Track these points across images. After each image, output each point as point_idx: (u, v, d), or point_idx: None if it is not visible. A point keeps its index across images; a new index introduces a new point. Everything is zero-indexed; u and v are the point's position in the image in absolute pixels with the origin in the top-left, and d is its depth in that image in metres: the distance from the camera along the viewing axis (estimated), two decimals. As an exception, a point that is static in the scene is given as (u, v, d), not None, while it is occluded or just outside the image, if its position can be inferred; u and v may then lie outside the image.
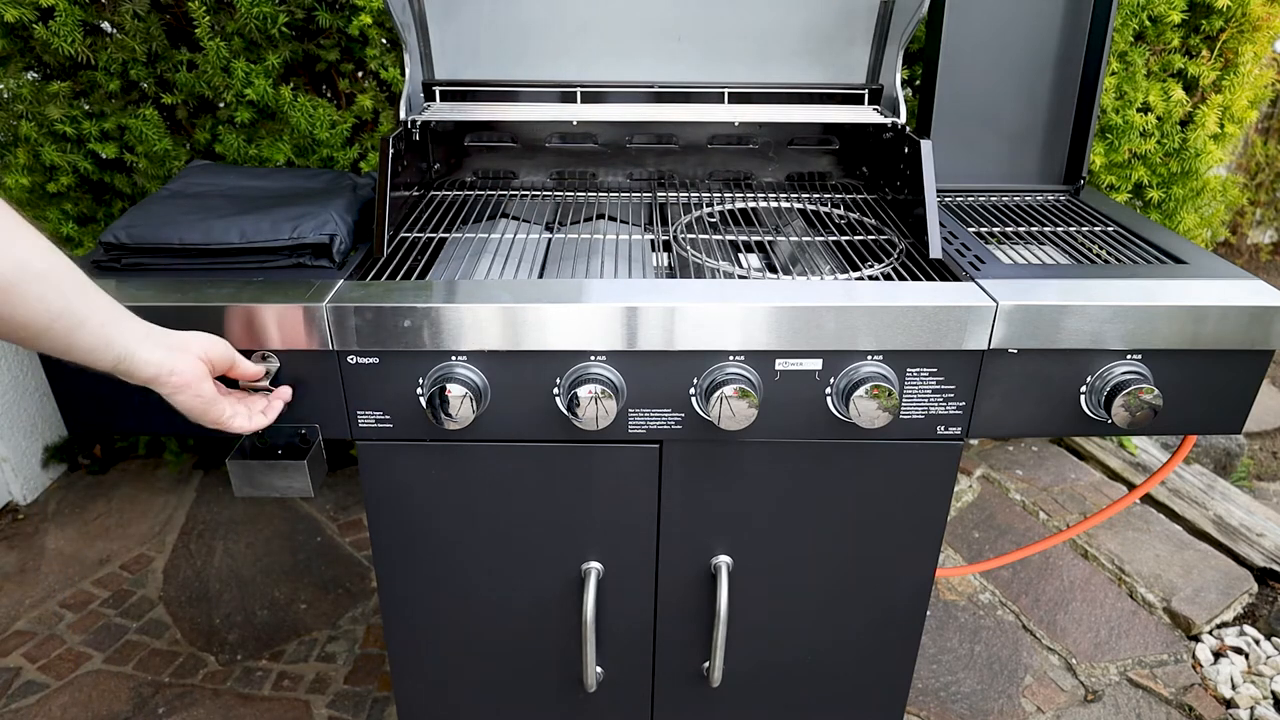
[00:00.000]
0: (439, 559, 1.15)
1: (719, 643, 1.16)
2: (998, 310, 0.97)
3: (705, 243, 1.22)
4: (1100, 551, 2.18)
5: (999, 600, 2.04)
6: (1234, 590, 2.04)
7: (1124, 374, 1.01)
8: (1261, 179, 3.72)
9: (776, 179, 1.51)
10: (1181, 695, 1.78)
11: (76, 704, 1.73)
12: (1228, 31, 1.92)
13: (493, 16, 1.37)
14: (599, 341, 0.97)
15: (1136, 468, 2.49)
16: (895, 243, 1.21)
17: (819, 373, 1.01)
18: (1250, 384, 1.04)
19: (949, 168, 1.41)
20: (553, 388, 1.01)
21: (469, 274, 1.11)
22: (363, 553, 2.17)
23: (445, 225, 1.27)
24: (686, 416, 1.03)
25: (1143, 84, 1.93)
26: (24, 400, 2.33)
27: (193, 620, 1.96)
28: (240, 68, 1.79)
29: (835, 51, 1.43)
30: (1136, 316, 0.98)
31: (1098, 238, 1.25)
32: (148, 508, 2.34)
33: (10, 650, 1.86)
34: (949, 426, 1.05)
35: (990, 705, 1.76)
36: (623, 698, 1.28)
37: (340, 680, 1.80)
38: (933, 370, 1.01)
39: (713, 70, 1.44)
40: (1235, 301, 0.99)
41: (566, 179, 1.49)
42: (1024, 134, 1.42)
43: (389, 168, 1.15)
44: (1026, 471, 2.51)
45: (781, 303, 0.96)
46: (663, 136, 1.46)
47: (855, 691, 1.30)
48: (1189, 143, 1.99)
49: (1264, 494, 2.58)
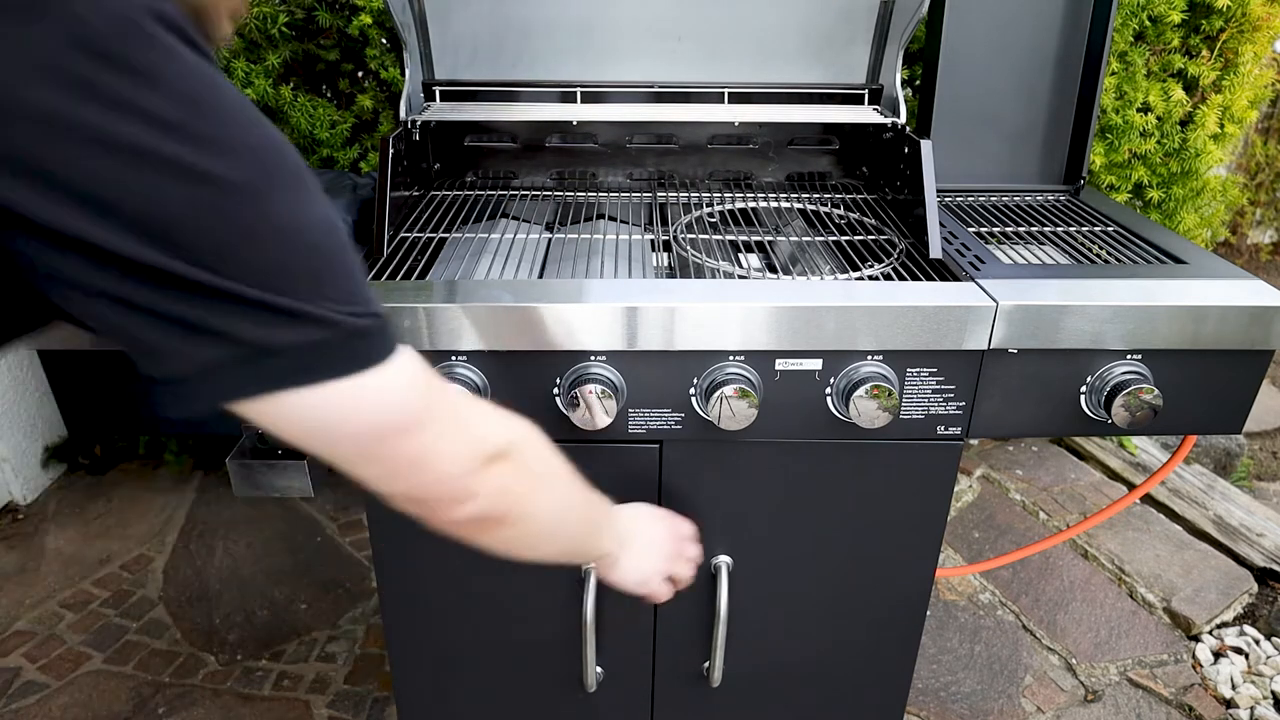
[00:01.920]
0: (439, 559, 1.15)
1: (719, 643, 1.16)
2: (998, 310, 0.97)
3: (705, 243, 1.22)
4: (1100, 551, 2.18)
5: (999, 600, 2.04)
6: (1234, 590, 2.04)
7: (1124, 374, 1.01)
8: (1261, 179, 3.72)
9: (776, 179, 1.51)
10: (1181, 695, 1.78)
11: (76, 704, 1.73)
12: (1228, 31, 1.92)
13: (492, 16, 1.37)
14: (599, 341, 0.97)
15: (1136, 468, 2.49)
16: (895, 243, 1.21)
17: (819, 373, 1.01)
18: (1250, 384, 1.04)
19: (949, 168, 1.41)
20: (552, 388, 1.01)
21: (469, 274, 1.11)
22: (363, 553, 2.17)
23: (445, 225, 1.27)
24: (686, 416, 1.03)
25: (1143, 84, 1.93)
26: (24, 400, 2.33)
27: (193, 620, 1.96)
28: (240, 67, 1.79)
29: (835, 51, 1.43)
30: (1136, 316, 0.98)
31: (1098, 238, 1.25)
32: (148, 508, 2.34)
33: (10, 650, 1.86)
34: (949, 426, 1.05)
35: (990, 705, 1.76)
36: (623, 698, 1.28)
37: (340, 680, 1.80)
38: (933, 370, 1.01)
39: (713, 70, 1.44)
40: (1235, 301, 0.99)
41: (566, 179, 1.49)
42: (1024, 134, 1.42)
43: (389, 168, 1.15)
44: (1026, 471, 2.51)
45: (781, 303, 0.96)
46: (663, 136, 1.46)
47: (855, 691, 1.30)
48: (1189, 143, 1.99)
49: (1264, 494, 2.58)
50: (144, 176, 0.50)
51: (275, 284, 0.55)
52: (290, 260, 0.56)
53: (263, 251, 0.55)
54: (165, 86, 0.51)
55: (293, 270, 0.56)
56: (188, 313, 0.53)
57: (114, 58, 0.49)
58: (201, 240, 0.52)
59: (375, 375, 0.60)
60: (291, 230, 0.56)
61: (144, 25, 0.51)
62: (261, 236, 0.54)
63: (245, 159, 0.54)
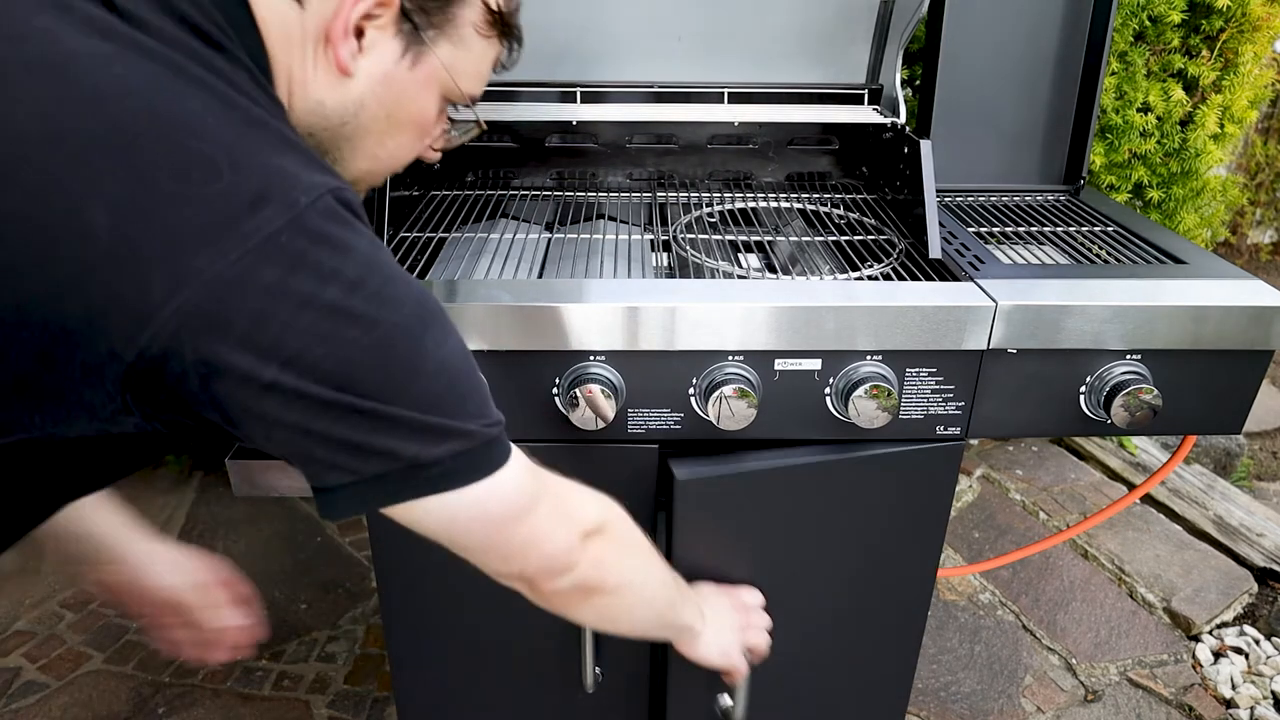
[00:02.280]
0: (439, 559, 1.15)
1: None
2: (997, 310, 0.97)
3: (705, 243, 1.22)
4: (1100, 551, 2.17)
5: (999, 600, 2.04)
6: (1234, 590, 2.04)
7: (1124, 374, 1.01)
8: (1261, 179, 3.72)
9: (776, 179, 1.51)
10: (1181, 695, 1.78)
11: (77, 704, 1.73)
12: (1228, 31, 1.92)
13: (492, 16, 1.37)
14: (599, 341, 0.97)
15: (1136, 468, 2.49)
16: (895, 243, 1.21)
17: (818, 373, 1.01)
18: (1250, 384, 1.04)
19: (949, 168, 1.41)
20: (552, 388, 1.01)
21: (469, 274, 1.11)
22: (363, 553, 2.17)
23: (445, 225, 1.27)
24: (686, 416, 1.03)
25: (1143, 84, 1.93)
26: (24, 400, 2.33)
27: (193, 620, 1.96)
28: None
29: (835, 51, 1.43)
30: (1136, 316, 0.98)
31: (1098, 238, 1.25)
32: (148, 508, 2.34)
33: (10, 650, 1.86)
34: (948, 426, 1.05)
35: (990, 705, 1.76)
36: (622, 698, 1.28)
37: (340, 680, 1.80)
38: (932, 370, 1.01)
39: (713, 70, 1.44)
40: (1235, 301, 0.99)
41: (566, 179, 1.49)
42: (1024, 134, 1.42)
43: (389, 168, 1.15)
44: (1026, 471, 2.51)
45: (781, 303, 0.96)
46: (663, 136, 1.46)
47: (856, 691, 1.30)
48: (1189, 143, 1.99)
49: (1264, 494, 2.58)
50: (337, 328, 0.58)
51: (430, 407, 0.63)
52: (440, 386, 0.65)
53: (420, 381, 0.63)
54: (354, 255, 0.60)
55: (443, 394, 0.65)
56: (356, 435, 0.61)
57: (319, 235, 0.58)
58: (374, 375, 0.60)
59: (501, 473, 0.69)
60: (440, 361, 0.65)
61: (337, 209, 0.60)
62: (420, 369, 0.63)
63: (407, 307, 0.62)
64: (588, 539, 0.78)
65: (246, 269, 0.55)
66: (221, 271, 0.54)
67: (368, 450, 0.62)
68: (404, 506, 0.67)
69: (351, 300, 0.59)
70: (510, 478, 0.70)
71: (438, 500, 0.67)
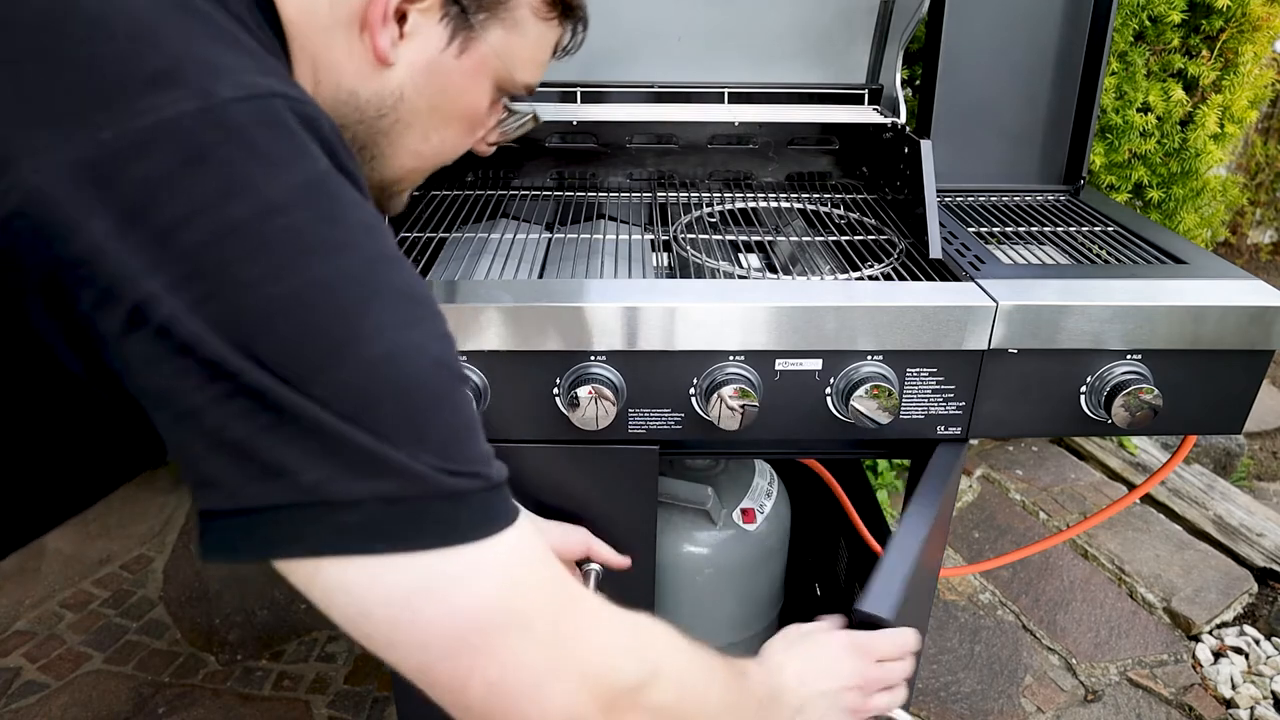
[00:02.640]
0: (439, 559, 1.15)
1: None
2: (997, 310, 0.97)
3: (705, 243, 1.22)
4: (1100, 551, 2.18)
5: (999, 600, 2.04)
6: (1234, 590, 2.04)
7: (1124, 374, 1.01)
8: (1261, 179, 3.72)
9: (776, 179, 1.51)
10: (1181, 695, 1.78)
11: (76, 704, 1.73)
12: (1228, 31, 1.92)
13: (493, 16, 1.37)
14: (599, 341, 0.97)
15: (1136, 468, 2.49)
16: (895, 243, 1.21)
17: (819, 373, 1.01)
18: (1250, 384, 1.04)
19: (949, 168, 1.41)
20: (552, 388, 1.00)
21: (469, 274, 1.11)
22: (363, 553, 2.17)
23: (445, 225, 1.27)
24: (686, 417, 1.03)
25: (1143, 84, 1.93)
26: (24, 400, 2.32)
27: (193, 620, 1.96)
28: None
29: (835, 51, 1.43)
30: (1136, 316, 0.98)
31: (1098, 238, 1.25)
32: (148, 508, 2.34)
33: (10, 650, 1.86)
34: (949, 427, 1.05)
35: (990, 705, 1.76)
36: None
37: (340, 680, 1.80)
38: (932, 370, 1.01)
39: (713, 70, 1.44)
40: (1235, 301, 0.99)
41: (566, 179, 1.49)
42: (1024, 134, 1.42)
43: (389, 168, 1.15)
44: (1026, 471, 2.51)
45: (781, 303, 0.96)
46: (663, 136, 1.46)
47: (855, 691, 1.30)
48: (1189, 143, 1.99)
49: (1264, 494, 2.58)
50: (235, 258, 0.43)
51: (356, 412, 0.44)
52: (380, 387, 0.45)
53: (347, 367, 0.44)
54: (286, 173, 0.46)
55: (382, 400, 0.45)
56: (239, 430, 0.43)
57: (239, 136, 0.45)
58: (277, 339, 0.43)
59: (465, 554, 0.46)
60: (390, 353, 0.46)
61: (282, 117, 0.46)
62: (351, 351, 0.45)
63: (353, 261, 0.46)
64: (613, 711, 0.50)
65: (121, 150, 0.42)
66: (85, 150, 0.41)
67: (253, 460, 0.44)
68: (306, 567, 0.47)
69: (264, 227, 0.43)
70: (486, 568, 0.47)
71: (353, 568, 0.46)
